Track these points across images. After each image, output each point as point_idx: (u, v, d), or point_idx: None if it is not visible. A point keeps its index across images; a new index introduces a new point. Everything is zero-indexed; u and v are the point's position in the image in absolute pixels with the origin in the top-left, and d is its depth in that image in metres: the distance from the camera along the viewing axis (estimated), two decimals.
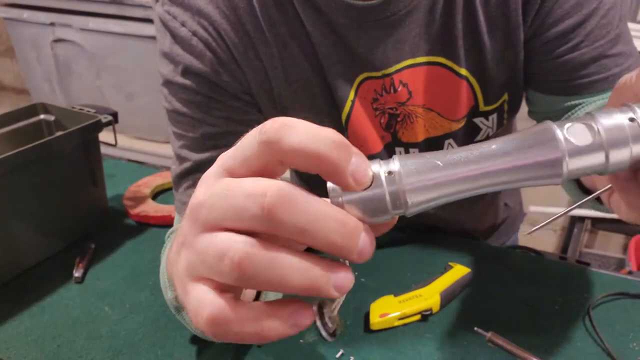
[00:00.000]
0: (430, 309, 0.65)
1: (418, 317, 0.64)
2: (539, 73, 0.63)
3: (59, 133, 0.80)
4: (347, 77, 0.62)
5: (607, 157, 0.25)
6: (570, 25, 0.58)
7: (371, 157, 0.68)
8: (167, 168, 0.87)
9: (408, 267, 0.74)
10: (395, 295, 0.66)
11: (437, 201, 0.26)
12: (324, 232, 0.24)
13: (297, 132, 0.24)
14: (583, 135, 0.26)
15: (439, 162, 0.26)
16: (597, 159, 0.25)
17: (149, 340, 0.64)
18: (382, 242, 0.79)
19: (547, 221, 0.32)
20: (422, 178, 0.25)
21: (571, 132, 0.26)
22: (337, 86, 0.62)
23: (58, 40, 2.05)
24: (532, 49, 0.62)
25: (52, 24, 2.02)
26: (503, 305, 0.67)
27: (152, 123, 1.98)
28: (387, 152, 0.68)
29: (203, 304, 0.26)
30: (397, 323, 0.64)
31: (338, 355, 0.60)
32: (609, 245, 1.98)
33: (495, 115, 0.67)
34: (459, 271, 0.69)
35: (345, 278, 0.25)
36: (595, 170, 0.26)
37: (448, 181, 0.26)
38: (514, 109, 0.69)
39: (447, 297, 0.66)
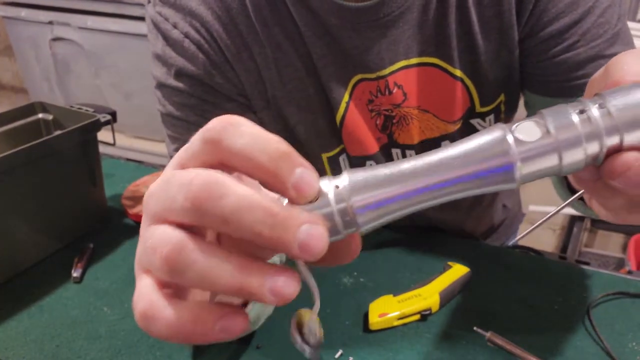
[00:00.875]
0: (430, 309, 0.65)
1: (417, 316, 0.64)
2: (535, 74, 0.63)
3: (58, 132, 0.79)
4: (341, 79, 0.62)
5: (560, 157, 0.23)
6: (565, 24, 0.58)
7: (367, 158, 0.68)
8: None
9: (407, 266, 0.74)
10: (395, 295, 0.66)
11: (390, 216, 0.25)
12: (248, 222, 0.22)
13: (240, 134, 0.24)
14: (534, 136, 0.24)
15: (388, 173, 0.24)
16: (550, 161, 0.24)
17: (147, 340, 0.64)
18: (381, 242, 0.79)
19: (528, 230, 0.32)
20: (370, 194, 0.24)
21: (521, 133, 0.24)
22: (331, 87, 0.62)
23: (56, 39, 2.05)
24: (527, 49, 0.61)
25: (50, 23, 2.01)
26: (502, 304, 0.67)
27: (150, 122, 1.97)
28: (384, 154, 0.68)
29: (139, 297, 0.25)
30: (396, 323, 0.64)
31: (337, 355, 0.60)
32: (609, 244, 1.98)
33: (492, 117, 0.67)
34: (458, 271, 0.69)
35: (285, 283, 0.23)
36: (550, 172, 0.24)
37: (397, 195, 0.24)
38: (511, 109, 0.69)
39: (446, 297, 0.66)
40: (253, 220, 0.22)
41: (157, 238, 0.24)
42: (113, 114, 0.84)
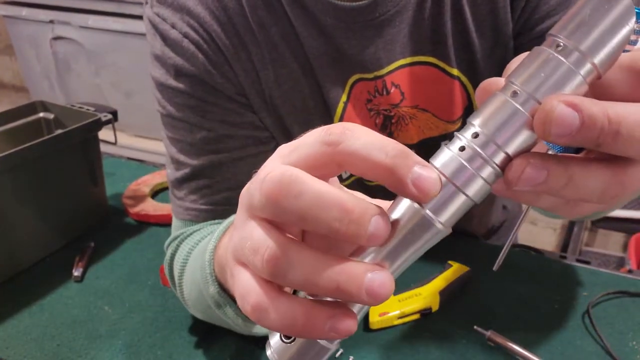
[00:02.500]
0: (430, 308, 0.65)
1: (417, 315, 0.64)
2: None
3: (59, 131, 0.80)
4: (338, 79, 0.62)
5: (465, 194, 0.25)
6: (555, 22, 0.58)
7: None
8: None
9: None
10: (395, 294, 0.66)
11: None
12: (325, 220, 0.23)
13: (358, 136, 0.24)
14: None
15: None
16: (459, 201, 0.25)
17: (148, 340, 0.64)
18: None
19: (503, 251, 0.33)
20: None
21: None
22: (328, 88, 0.62)
23: (57, 38, 2.05)
24: (521, 45, 0.61)
25: (51, 22, 2.02)
26: (502, 303, 0.67)
27: (151, 121, 1.97)
28: None
29: (247, 290, 0.26)
30: (396, 322, 0.64)
31: (337, 354, 0.60)
32: (609, 243, 1.98)
33: None
34: (458, 270, 0.69)
35: (381, 283, 0.24)
36: (467, 207, 0.25)
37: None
38: None
39: (446, 296, 0.66)
40: (330, 219, 0.23)
41: (256, 240, 0.25)
42: (114, 113, 0.84)
